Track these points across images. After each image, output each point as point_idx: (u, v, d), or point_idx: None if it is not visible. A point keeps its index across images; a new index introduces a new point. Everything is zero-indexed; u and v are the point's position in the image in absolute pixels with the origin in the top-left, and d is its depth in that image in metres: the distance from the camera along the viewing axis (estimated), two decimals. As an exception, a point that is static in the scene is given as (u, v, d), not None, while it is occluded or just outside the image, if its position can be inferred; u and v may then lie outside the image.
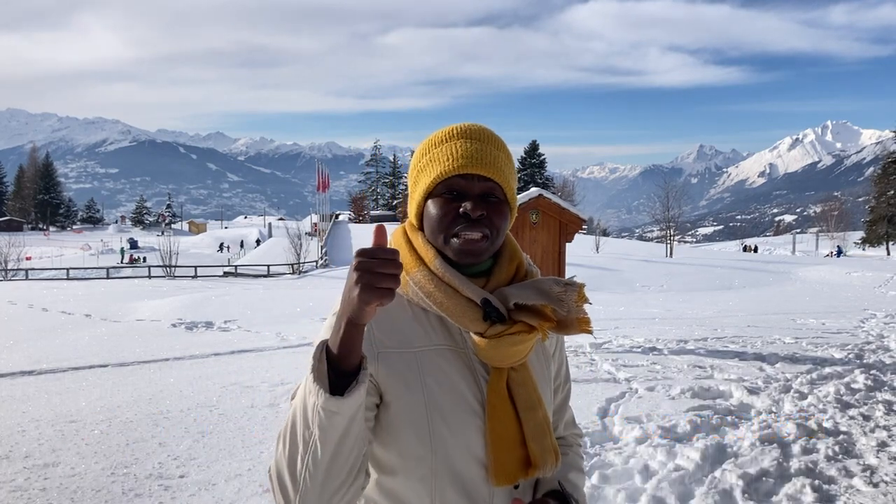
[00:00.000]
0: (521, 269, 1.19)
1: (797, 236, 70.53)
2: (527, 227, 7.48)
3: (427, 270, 1.11)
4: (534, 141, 63.90)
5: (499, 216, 1.12)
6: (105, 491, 3.61)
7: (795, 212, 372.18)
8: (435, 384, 1.09)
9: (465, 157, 1.11)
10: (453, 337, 1.14)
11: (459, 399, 1.09)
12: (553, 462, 1.12)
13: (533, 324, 1.10)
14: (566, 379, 1.35)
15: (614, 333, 9.37)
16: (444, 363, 1.11)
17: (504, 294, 1.12)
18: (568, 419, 1.38)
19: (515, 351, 1.10)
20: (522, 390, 1.12)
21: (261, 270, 36.61)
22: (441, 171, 1.11)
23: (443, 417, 1.07)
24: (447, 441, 1.07)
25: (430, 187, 1.13)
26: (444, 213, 1.11)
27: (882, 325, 10.47)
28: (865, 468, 3.99)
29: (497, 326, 1.09)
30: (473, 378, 1.12)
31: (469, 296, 1.09)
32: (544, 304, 1.10)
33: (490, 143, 1.15)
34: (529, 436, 1.11)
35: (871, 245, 56.01)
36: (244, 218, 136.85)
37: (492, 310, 1.09)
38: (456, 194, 1.12)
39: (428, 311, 1.13)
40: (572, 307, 1.12)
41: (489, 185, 1.12)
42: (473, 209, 1.09)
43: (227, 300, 15.84)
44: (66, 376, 6.81)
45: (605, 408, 5.25)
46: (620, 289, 21.25)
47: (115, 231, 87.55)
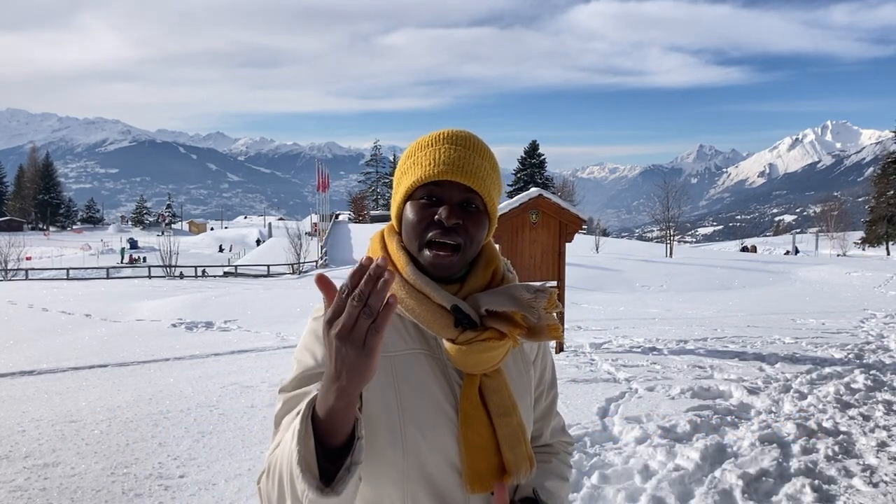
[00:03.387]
0: (497, 274, 1.18)
1: (797, 236, 70.52)
2: (527, 227, 7.48)
3: (399, 277, 1.11)
4: (534, 141, 63.90)
5: (475, 226, 1.11)
6: (105, 491, 3.61)
7: (795, 212, 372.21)
8: (409, 389, 1.08)
9: (447, 164, 1.10)
10: (428, 342, 1.13)
11: (434, 404, 1.09)
12: (528, 469, 1.11)
13: (504, 330, 1.09)
14: (551, 385, 1.33)
15: (614, 333, 9.37)
16: (418, 368, 1.10)
17: (476, 300, 1.11)
18: (556, 426, 1.37)
19: (487, 357, 1.09)
20: (496, 397, 1.11)
21: (261, 270, 36.63)
22: (421, 176, 1.10)
23: (416, 422, 1.07)
24: (420, 446, 1.06)
25: (409, 190, 1.12)
26: (419, 219, 1.10)
27: (882, 325, 10.47)
28: (865, 468, 3.99)
29: (468, 333, 1.08)
30: (448, 383, 1.12)
31: (440, 302, 1.08)
32: (515, 310, 1.09)
33: (475, 151, 1.13)
34: (503, 443, 1.10)
35: (871, 245, 56.05)
36: (244, 218, 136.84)
37: (462, 316, 1.08)
38: (434, 200, 1.10)
39: (403, 316, 1.12)
40: (542, 314, 1.11)
41: (469, 194, 1.11)
42: (448, 217, 1.08)
43: (227, 300, 15.84)
44: (66, 376, 6.81)
45: (605, 408, 5.26)
46: (620, 289, 21.25)
47: (115, 231, 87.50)
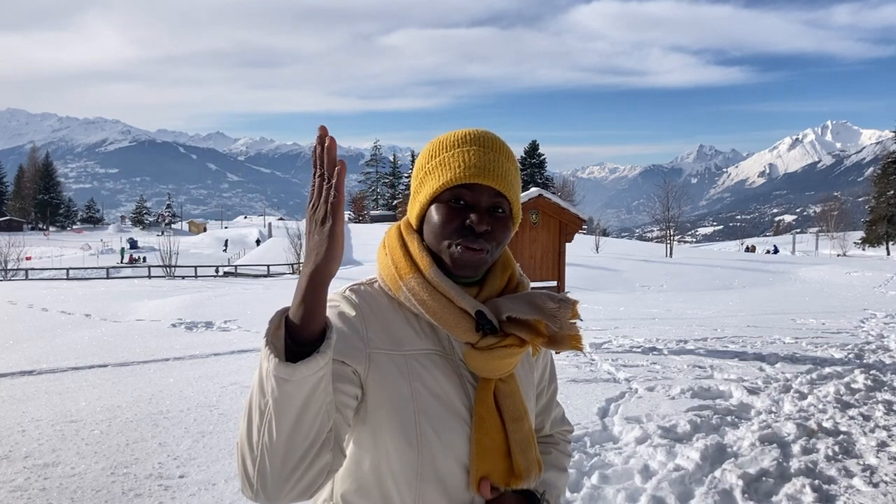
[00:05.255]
0: (513, 279, 1.19)
1: (797, 236, 70.54)
2: (527, 227, 7.48)
3: (421, 278, 1.10)
4: (534, 141, 63.95)
5: (502, 231, 1.11)
6: (105, 491, 3.61)
7: (795, 212, 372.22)
8: (423, 388, 1.08)
9: (478, 167, 1.08)
10: (442, 343, 1.14)
11: (447, 404, 1.09)
12: (537, 474, 1.12)
13: (525, 338, 1.09)
14: (551, 379, 1.35)
15: (614, 333, 9.37)
16: (433, 368, 1.11)
17: (497, 306, 1.11)
18: (556, 417, 1.39)
19: (505, 363, 1.10)
20: (510, 401, 1.12)
21: (261, 270, 36.63)
22: (451, 178, 1.08)
23: (430, 421, 1.07)
24: (433, 444, 1.07)
25: (436, 192, 1.10)
26: (447, 221, 1.09)
27: (882, 325, 10.47)
28: (865, 468, 3.99)
29: (489, 338, 1.08)
30: (461, 384, 1.12)
31: (463, 307, 1.08)
32: (538, 318, 1.09)
33: (502, 154, 1.13)
34: (515, 447, 1.11)
35: (871, 245, 56.00)
36: (244, 218, 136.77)
37: (486, 322, 1.08)
38: (463, 204, 1.10)
39: (419, 315, 1.12)
40: (565, 324, 1.11)
41: (498, 198, 1.11)
42: (479, 223, 1.07)
43: (227, 300, 15.83)
44: (66, 376, 6.81)
45: (605, 408, 5.25)
46: (620, 289, 21.24)
47: (115, 231, 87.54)
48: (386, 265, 1.15)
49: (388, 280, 1.14)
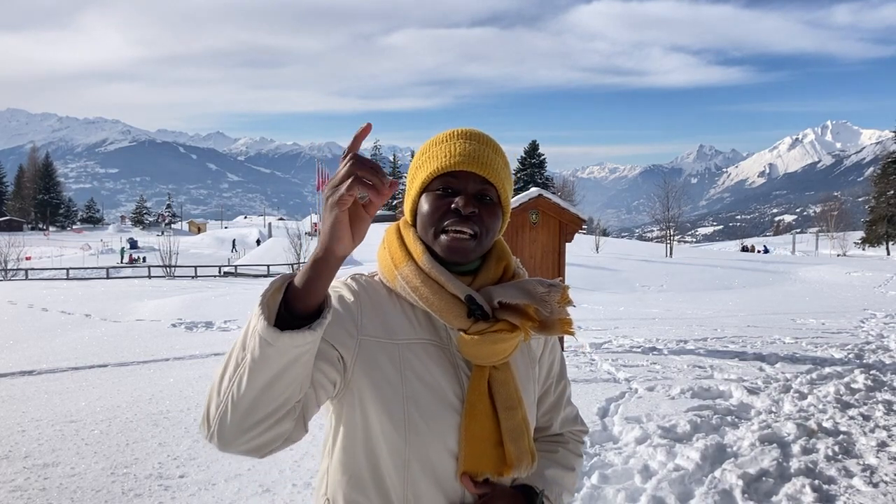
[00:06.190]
0: (508, 270, 1.20)
1: (797, 236, 70.56)
2: (527, 227, 7.48)
3: (415, 266, 1.13)
4: (534, 141, 63.85)
5: (490, 216, 1.14)
6: (105, 491, 3.61)
7: (795, 212, 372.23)
8: (415, 377, 1.10)
9: (463, 156, 1.12)
10: (438, 333, 1.15)
11: (439, 394, 1.10)
12: (529, 464, 1.13)
13: (516, 322, 1.11)
14: (559, 378, 1.35)
15: (614, 333, 9.38)
16: (426, 357, 1.12)
17: (489, 292, 1.13)
18: (567, 416, 1.38)
19: (498, 349, 1.11)
20: (503, 389, 1.13)
21: (261, 270, 36.62)
22: (437, 167, 1.12)
23: (419, 409, 1.08)
24: (422, 432, 1.08)
25: (425, 182, 1.14)
26: (435, 208, 1.12)
27: (882, 325, 10.47)
28: (865, 468, 3.99)
29: (480, 324, 1.10)
30: (456, 374, 1.13)
31: (454, 292, 1.10)
32: (528, 303, 1.11)
33: (488, 146, 1.17)
34: (506, 436, 1.11)
35: (871, 245, 56.01)
36: (244, 218, 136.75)
37: (476, 307, 1.10)
38: (450, 191, 1.13)
39: (415, 305, 1.14)
40: (555, 308, 1.13)
41: (484, 185, 1.14)
42: (465, 205, 1.10)
43: (227, 300, 15.85)
44: (65, 376, 6.81)
45: (605, 408, 5.26)
46: (620, 289, 21.24)
47: (115, 231, 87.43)
48: (384, 258, 1.19)
49: (386, 271, 1.17)
